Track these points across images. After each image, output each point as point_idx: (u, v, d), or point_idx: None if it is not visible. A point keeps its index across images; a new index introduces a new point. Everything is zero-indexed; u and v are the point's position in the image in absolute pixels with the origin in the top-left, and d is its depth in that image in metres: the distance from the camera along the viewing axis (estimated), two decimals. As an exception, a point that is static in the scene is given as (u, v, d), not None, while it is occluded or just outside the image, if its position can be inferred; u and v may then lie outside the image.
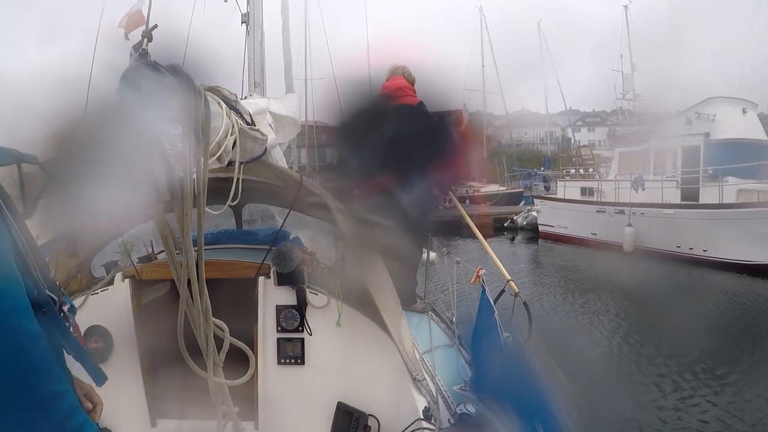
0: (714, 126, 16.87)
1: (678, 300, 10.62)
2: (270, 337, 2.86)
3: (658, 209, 16.48)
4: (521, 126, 48.30)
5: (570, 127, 43.22)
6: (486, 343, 3.13)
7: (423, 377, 2.65)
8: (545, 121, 50.42)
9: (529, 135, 56.14)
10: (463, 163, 4.26)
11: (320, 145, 19.71)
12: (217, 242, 3.74)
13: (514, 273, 14.69)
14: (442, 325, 4.07)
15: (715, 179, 15.41)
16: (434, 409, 2.53)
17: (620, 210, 17.63)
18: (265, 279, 2.87)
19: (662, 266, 14.64)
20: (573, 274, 14.89)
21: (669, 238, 15.87)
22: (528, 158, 44.05)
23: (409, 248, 4.06)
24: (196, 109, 1.32)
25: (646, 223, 16.67)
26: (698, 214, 15.38)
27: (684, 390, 6.61)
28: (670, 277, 13.59)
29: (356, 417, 2.65)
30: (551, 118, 49.70)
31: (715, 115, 17.01)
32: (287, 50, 6.65)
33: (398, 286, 3.07)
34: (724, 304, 10.95)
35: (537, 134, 55.70)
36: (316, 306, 2.82)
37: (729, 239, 14.18)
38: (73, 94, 0.82)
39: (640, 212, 16.89)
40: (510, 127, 50.18)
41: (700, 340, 8.24)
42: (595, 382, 6.59)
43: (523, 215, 25.75)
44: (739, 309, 10.58)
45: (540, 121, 52.84)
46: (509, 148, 45.72)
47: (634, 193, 17.12)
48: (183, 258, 1.13)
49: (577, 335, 9.08)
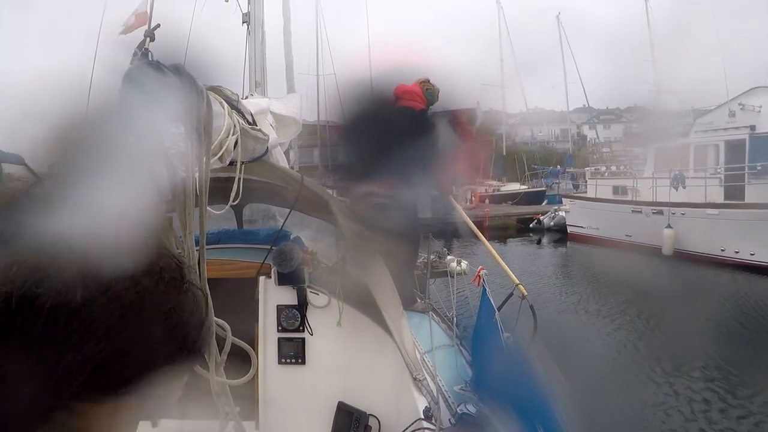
0: (760, 118, 15.43)
1: (723, 308, 9.90)
2: (271, 337, 2.86)
3: (701, 209, 15.27)
4: (536, 124, 47.60)
5: (587, 124, 42.20)
6: (487, 343, 3.13)
7: (424, 377, 2.65)
8: (560, 119, 49.73)
9: (543, 133, 55.42)
10: (461, 166, 4.27)
11: (332, 144, 19.42)
12: (218, 242, 3.74)
13: (540, 277, 14.01)
14: (442, 325, 4.07)
15: (762, 176, 14.50)
16: (435, 409, 2.53)
17: (658, 210, 16.45)
18: (266, 279, 2.88)
19: (704, 271, 13.75)
20: (605, 278, 13.67)
21: (712, 240, 14.75)
22: (543, 156, 43.12)
23: (408, 248, 4.07)
24: (199, 109, 1.33)
25: (686, 225, 15.51)
26: (744, 215, 14.20)
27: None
28: (714, 284, 12.71)
29: (357, 417, 2.65)
30: (564, 116, 49.15)
31: (761, 106, 15.48)
32: (288, 50, 6.64)
33: (398, 285, 3.07)
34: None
35: (552, 132, 54.85)
36: (316, 306, 2.82)
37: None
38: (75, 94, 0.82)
39: (680, 212, 15.73)
40: (526, 125, 49.46)
41: (747, 354, 7.56)
42: (638, 400, 6.25)
43: (549, 215, 24.30)
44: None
45: (554, 119, 52.15)
46: (524, 147, 44.94)
47: (673, 191, 15.94)
48: (185, 257, 1.13)
49: (613, 349, 8.31)
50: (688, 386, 6.76)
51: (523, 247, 20.94)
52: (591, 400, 5.87)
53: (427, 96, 4.13)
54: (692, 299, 10.10)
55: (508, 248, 20.41)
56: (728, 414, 6.09)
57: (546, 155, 44.40)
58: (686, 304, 9.78)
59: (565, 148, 47.13)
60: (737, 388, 6.57)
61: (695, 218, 15.40)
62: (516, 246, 21.51)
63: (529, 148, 44.57)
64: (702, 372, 7.16)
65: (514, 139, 42.43)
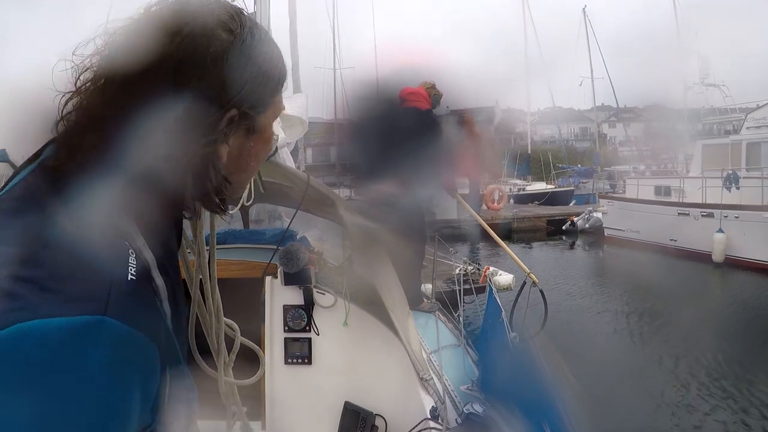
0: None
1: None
2: (277, 337, 2.87)
3: (757, 212, 13.98)
4: (554, 122, 46.88)
5: (607, 122, 40.76)
6: (493, 343, 3.13)
7: (430, 377, 2.65)
8: (578, 117, 48.92)
9: (563, 131, 54.75)
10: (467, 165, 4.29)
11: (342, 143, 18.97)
12: (224, 242, 3.75)
13: (572, 284, 12.89)
14: (449, 324, 4.07)
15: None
16: (441, 409, 2.52)
17: (708, 213, 15.17)
18: (272, 279, 2.88)
19: (760, 281, 12.67)
20: (648, 287, 11.89)
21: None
22: (562, 156, 42.14)
23: (414, 247, 4.08)
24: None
25: (740, 229, 14.25)
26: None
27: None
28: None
29: (363, 417, 2.65)
30: (583, 114, 48.27)
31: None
32: (294, 50, 6.65)
33: (404, 285, 3.08)
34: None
35: (572, 130, 53.93)
36: (323, 306, 2.82)
37: None
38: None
39: (733, 215, 14.46)
40: (544, 123, 48.63)
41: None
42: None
43: (583, 217, 22.55)
44: None
45: (573, 117, 51.38)
46: (544, 146, 43.98)
47: (725, 192, 14.71)
48: (195, 258, 1.14)
49: (664, 368, 7.49)
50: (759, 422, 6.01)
51: (555, 251, 19.44)
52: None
53: (432, 99, 4.20)
54: (748, 312, 9.26)
55: (536, 252, 19.13)
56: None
57: (568, 154, 43.26)
58: (741, 317, 9.01)
59: (584, 147, 46.25)
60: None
61: (751, 222, 14.09)
62: (546, 250, 20.14)
63: (551, 147, 42.93)
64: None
65: (533, 137, 41.35)
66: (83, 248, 0.59)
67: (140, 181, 0.67)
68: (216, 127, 0.73)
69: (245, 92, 0.74)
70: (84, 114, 0.71)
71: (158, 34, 0.69)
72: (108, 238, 0.63)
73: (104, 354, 0.56)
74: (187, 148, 0.70)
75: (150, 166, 0.67)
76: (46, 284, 0.56)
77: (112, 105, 0.68)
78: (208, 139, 0.73)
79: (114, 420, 0.58)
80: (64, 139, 0.70)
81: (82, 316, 0.56)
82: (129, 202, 0.67)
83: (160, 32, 0.69)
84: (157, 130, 0.66)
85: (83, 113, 0.71)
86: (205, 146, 0.73)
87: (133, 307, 0.61)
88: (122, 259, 0.64)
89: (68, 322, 0.55)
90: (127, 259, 0.65)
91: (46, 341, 0.53)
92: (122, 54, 0.70)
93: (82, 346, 0.55)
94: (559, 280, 13.17)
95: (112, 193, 0.64)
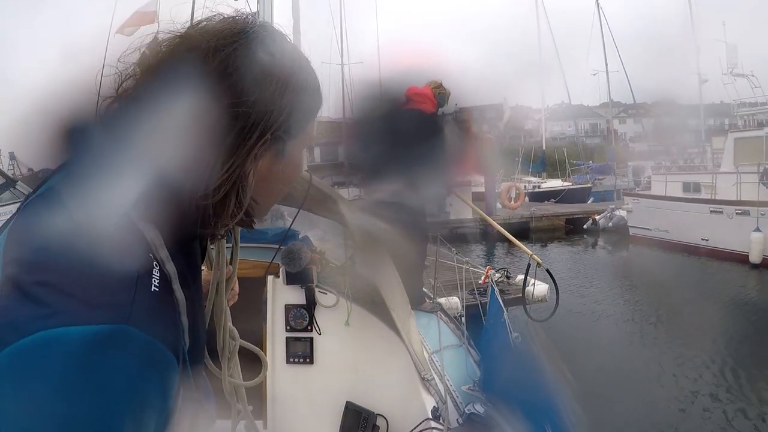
0: None
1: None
2: (279, 337, 2.87)
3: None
4: (564, 119, 46.22)
5: (617, 118, 39.78)
6: (495, 343, 3.13)
7: (432, 377, 2.65)
8: (588, 113, 48.19)
9: (572, 128, 54.44)
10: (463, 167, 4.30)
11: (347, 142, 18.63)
12: (225, 241, 3.75)
13: (597, 287, 12.10)
14: (450, 324, 4.07)
15: None
16: (443, 409, 2.53)
17: (744, 210, 14.24)
18: (274, 278, 2.88)
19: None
20: (678, 289, 10.87)
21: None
22: (578, 152, 41.36)
23: (417, 247, 4.08)
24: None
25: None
26: None
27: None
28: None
29: (365, 416, 2.65)
30: (592, 110, 47.60)
31: None
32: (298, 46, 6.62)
33: (406, 286, 3.08)
34: None
35: (581, 126, 52.65)
36: (325, 305, 2.82)
37: None
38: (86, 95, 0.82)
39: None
40: (555, 120, 47.95)
41: None
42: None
43: (606, 215, 21.49)
44: None
45: (583, 114, 50.18)
46: (554, 142, 43.35)
47: (762, 189, 13.81)
48: (214, 258, 1.15)
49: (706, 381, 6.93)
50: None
51: (576, 252, 18.37)
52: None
53: (438, 99, 4.18)
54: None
55: (553, 252, 18.16)
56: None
57: (579, 151, 42.21)
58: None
59: (595, 143, 45.52)
60: None
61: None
62: (564, 248, 19.14)
63: (564, 144, 42.00)
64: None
65: (542, 134, 40.88)
66: (109, 257, 0.59)
67: (168, 194, 0.68)
68: (249, 149, 0.73)
69: (282, 117, 0.75)
70: (119, 122, 0.71)
71: (201, 53, 0.71)
72: (134, 248, 0.63)
73: (127, 364, 0.56)
74: (218, 166, 0.71)
75: (180, 181, 0.68)
76: (70, 291, 0.56)
77: (147, 117, 0.69)
78: (240, 159, 0.73)
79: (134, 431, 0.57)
80: (95, 146, 0.71)
81: (105, 325, 0.55)
82: (155, 214, 0.67)
83: (203, 50, 0.71)
84: (189, 146, 0.67)
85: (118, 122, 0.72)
86: (237, 167, 0.73)
87: (155, 319, 0.61)
88: (146, 270, 0.64)
89: (91, 330, 0.55)
90: (151, 271, 0.65)
91: (68, 350, 0.53)
92: (164, 68, 0.71)
93: (104, 357, 0.55)
94: (584, 283, 12.50)
95: (139, 204, 0.65)
